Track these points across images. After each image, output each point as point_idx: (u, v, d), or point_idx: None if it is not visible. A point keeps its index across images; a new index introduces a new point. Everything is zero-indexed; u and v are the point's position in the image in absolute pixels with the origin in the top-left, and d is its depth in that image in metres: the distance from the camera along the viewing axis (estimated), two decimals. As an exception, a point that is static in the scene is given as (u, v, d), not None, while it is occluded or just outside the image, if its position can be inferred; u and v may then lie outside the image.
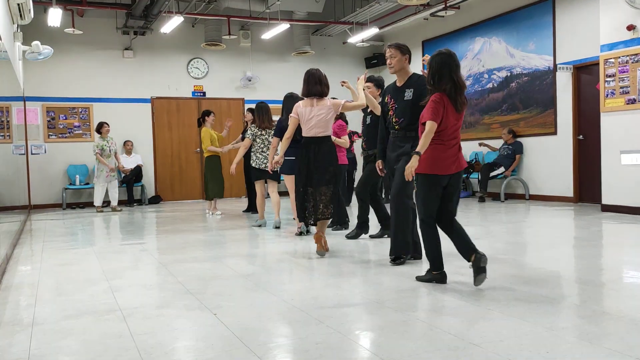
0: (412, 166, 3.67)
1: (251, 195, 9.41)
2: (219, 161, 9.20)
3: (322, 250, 5.11)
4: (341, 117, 7.15)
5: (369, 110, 5.78)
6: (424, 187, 3.81)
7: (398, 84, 4.68)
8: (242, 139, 9.20)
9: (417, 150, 3.69)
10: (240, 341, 2.79)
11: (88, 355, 2.67)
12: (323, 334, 2.86)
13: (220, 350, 2.68)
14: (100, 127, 10.19)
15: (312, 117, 5.16)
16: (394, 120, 4.60)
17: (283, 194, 10.48)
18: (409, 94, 4.56)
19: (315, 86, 5.30)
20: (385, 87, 5.18)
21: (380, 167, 4.84)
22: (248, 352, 2.64)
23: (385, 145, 4.74)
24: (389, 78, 5.11)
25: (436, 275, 3.89)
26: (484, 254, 3.66)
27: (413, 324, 2.98)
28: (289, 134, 5.37)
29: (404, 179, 3.99)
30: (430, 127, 3.67)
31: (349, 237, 6.09)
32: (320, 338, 2.81)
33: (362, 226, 6.09)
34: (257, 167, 7.37)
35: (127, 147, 11.63)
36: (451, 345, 2.64)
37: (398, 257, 4.58)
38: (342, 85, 5.53)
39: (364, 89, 5.35)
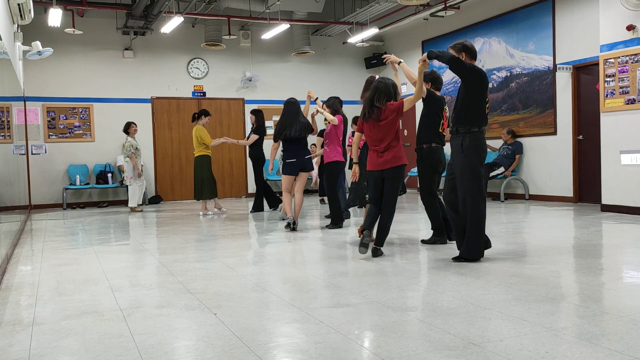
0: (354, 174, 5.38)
1: (260, 194, 9.39)
2: (210, 160, 9.14)
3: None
4: (337, 112, 7.16)
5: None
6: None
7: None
8: (248, 138, 9.29)
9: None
10: (240, 341, 2.80)
11: (88, 355, 2.67)
12: (323, 334, 2.86)
13: (220, 350, 2.68)
14: (128, 127, 10.07)
15: None
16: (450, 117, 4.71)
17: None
18: (461, 90, 4.60)
19: None
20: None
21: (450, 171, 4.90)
22: (248, 352, 2.64)
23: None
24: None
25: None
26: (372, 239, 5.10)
27: (413, 324, 2.98)
28: None
29: (466, 180, 4.47)
30: (355, 137, 5.35)
31: (425, 242, 5.65)
32: (320, 338, 2.81)
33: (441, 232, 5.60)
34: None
35: (128, 147, 11.63)
36: (451, 345, 2.64)
37: (465, 258, 4.55)
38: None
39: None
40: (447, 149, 4.99)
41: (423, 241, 5.64)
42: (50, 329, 3.11)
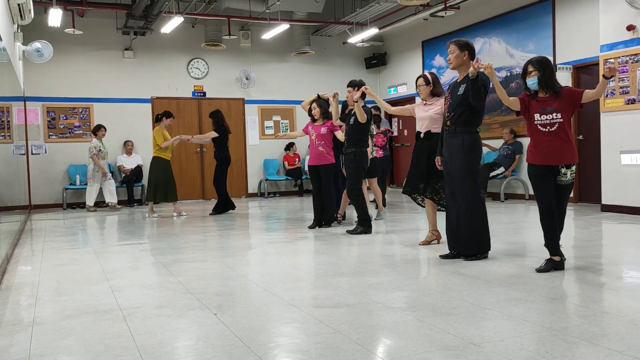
0: None
1: (221, 195, 9.30)
2: (166, 164, 8.92)
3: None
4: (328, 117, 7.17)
5: (353, 111, 6.38)
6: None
7: (458, 80, 4.74)
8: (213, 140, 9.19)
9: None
10: (240, 341, 2.80)
11: (88, 355, 2.67)
12: (323, 334, 2.86)
13: (220, 350, 2.68)
14: (97, 130, 10.43)
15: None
16: (446, 115, 4.71)
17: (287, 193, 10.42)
18: (462, 89, 4.60)
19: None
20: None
21: (439, 164, 4.94)
22: (248, 352, 2.64)
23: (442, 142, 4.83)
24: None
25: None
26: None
27: (413, 324, 2.98)
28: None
29: (466, 177, 4.48)
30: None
31: (350, 232, 6.46)
32: (320, 338, 2.81)
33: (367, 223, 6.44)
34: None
35: (127, 147, 11.63)
36: (451, 345, 2.64)
37: (474, 254, 4.66)
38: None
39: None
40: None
41: (348, 231, 6.40)
42: (50, 329, 3.11)
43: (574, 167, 4.10)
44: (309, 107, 7.19)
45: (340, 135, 6.82)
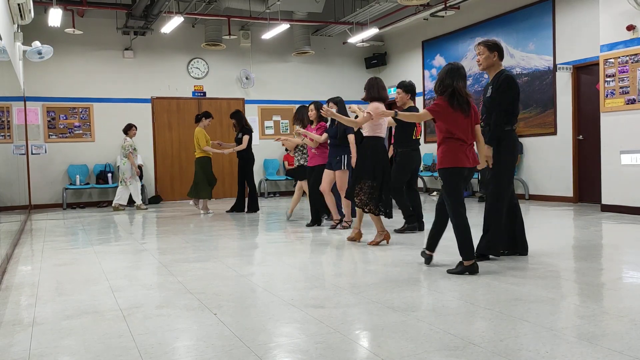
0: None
1: (242, 194, 9.38)
2: (210, 161, 9.20)
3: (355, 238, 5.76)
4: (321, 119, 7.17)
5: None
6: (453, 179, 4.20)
7: (489, 82, 4.69)
8: (237, 142, 9.21)
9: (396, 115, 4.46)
10: (240, 341, 2.80)
11: (88, 355, 2.67)
12: (323, 334, 2.86)
13: (220, 350, 2.68)
14: (129, 129, 10.45)
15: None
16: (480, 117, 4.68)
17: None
18: (490, 91, 4.58)
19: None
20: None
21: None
22: (248, 352, 2.65)
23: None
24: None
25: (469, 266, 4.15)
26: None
27: (413, 324, 2.98)
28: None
29: (494, 176, 4.42)
30: (423, 113, 4.37)
31: (397, 230, 6.34)
32: (320, 338, 2.81)
33: (412, 220, 6.36)
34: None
35: (128, 147, 11.65)
36: (451, 345, 2.64)
37: (483, 255, 4.60)
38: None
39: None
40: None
41: (396, 230, 6.31)
42: (50, 329, 3.11)
43: (436, 173, 4.19)
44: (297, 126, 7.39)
45: (317, 137, 6.91)
